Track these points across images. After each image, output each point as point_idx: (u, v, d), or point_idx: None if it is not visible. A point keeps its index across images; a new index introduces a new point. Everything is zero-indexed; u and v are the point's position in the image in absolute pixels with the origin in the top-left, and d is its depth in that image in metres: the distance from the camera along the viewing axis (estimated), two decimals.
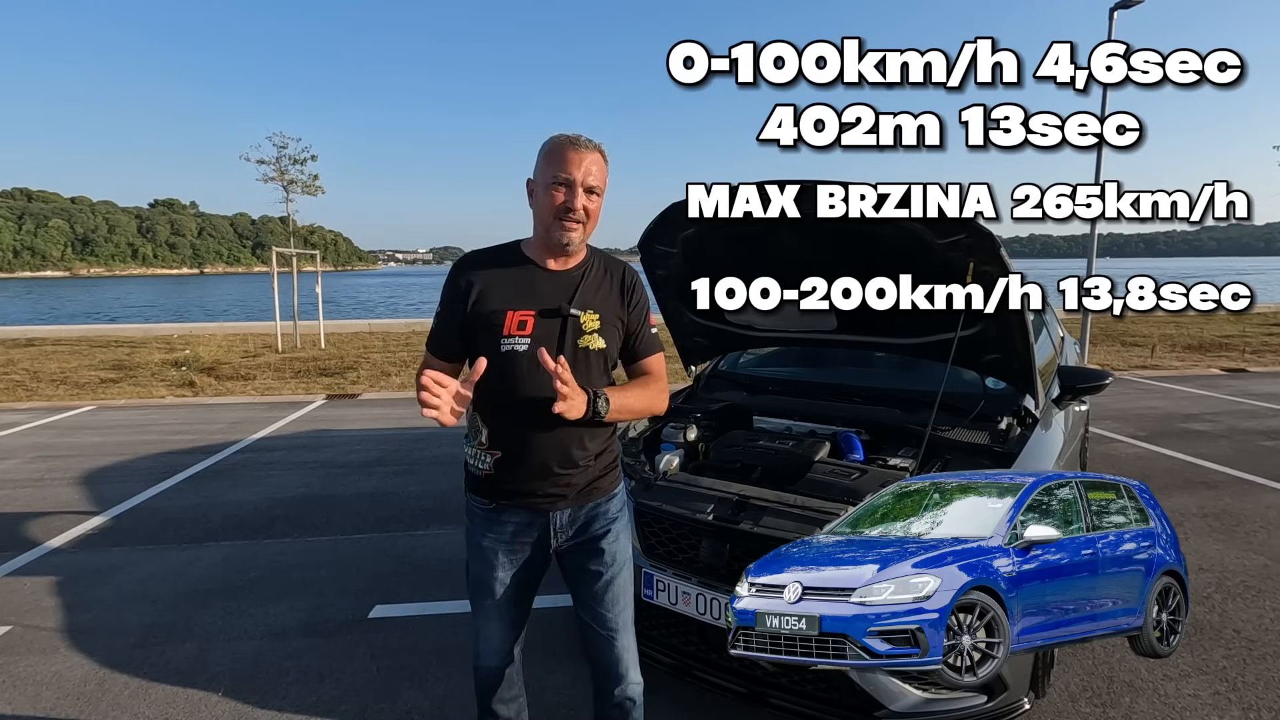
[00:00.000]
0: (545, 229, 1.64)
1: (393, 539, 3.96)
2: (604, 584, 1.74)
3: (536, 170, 1.65)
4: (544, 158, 1.63)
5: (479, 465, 1.69)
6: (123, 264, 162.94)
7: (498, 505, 1.70)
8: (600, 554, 1.75)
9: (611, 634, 1.75)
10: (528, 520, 1.70)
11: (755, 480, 2.54)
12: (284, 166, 13.16)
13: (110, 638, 2.91)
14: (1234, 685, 2.51)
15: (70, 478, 5.20)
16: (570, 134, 1.63)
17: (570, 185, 1.60)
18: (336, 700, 2.48)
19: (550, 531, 1.71)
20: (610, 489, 1.78)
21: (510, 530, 1.71)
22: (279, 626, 2.99)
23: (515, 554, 1.72)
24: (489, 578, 1.73)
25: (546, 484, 1.67)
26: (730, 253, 2.86)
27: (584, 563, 1.75)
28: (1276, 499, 4.47)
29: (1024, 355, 2.62)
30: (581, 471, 1.69)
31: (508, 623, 1.79)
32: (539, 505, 1.69)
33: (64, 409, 7.95)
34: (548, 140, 1.65)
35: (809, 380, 3.53)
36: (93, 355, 12.38)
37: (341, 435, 6.54)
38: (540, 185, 1.63)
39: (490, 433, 1.66)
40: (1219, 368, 10.20)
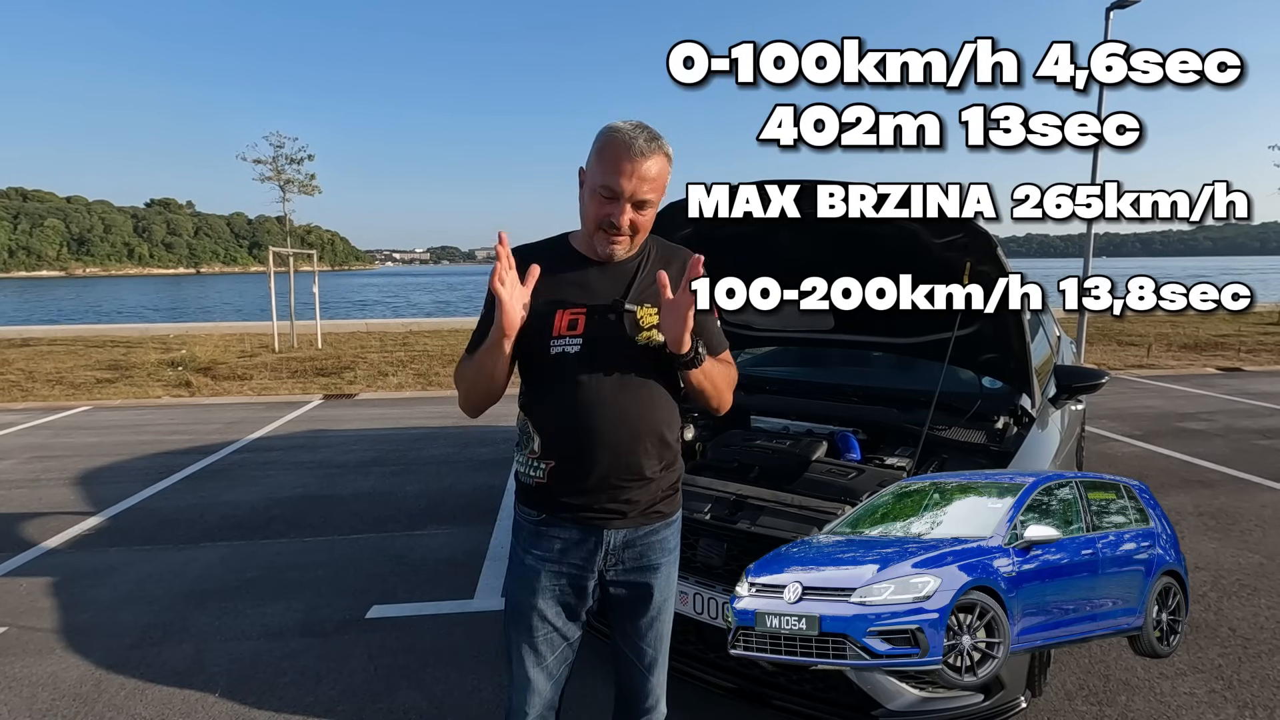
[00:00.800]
0: (589, 235, 1.49)
1: (390, 539, 3.95)
2: (649, 620, 1.60)
3: (589, 162, 1.45)
4: (597, 155, 1.43)
5: (530, 474, 1.52)
6: (119, 264, 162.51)
7: (547, 518, 1.52)
8: (650, 589, 1.58)
9: (649, 669, 1.63)
10: (578, 538, 1.51)
11: (752, 480, 2.54)
12: (281, 166, 13.15)
13: (106, 638, 2.90)
14: (1229, 683, 2.52)
15: (66, 478, 5.18)
16: (630, 130, 1.40)
17: (618, 199, 1.41)
18: (334, 700, 2.47)
19: (602, 552, 1.52)
20: (670, 514, 1.60)
21: (558, 547, 1.52)
22: (276, 627, 2.99)
23: (559, 577, 1.53)
24: (527, 603, 1.53)
25: (604, 498, 1.49)
26: (727, 253, 2.85)
27: (631, 594, 1.58)
28: (1272, 498, 4.49)
29: (1020, 354, 2.62)
30: (643, 487, 1.51)
31: (546, 671, 1.56)
32: (593, 522, 1.50)
33: (59, 409, 7.93)
34: (606, 132, 1.42)
35: (806, 380, 3.53)
36: (88, 355, 12.34)
37: (338, 435, 6.53)
38: (589, 186, 1.45)
39: (543, 441, 1.49)
40: (1215, 367, 10.23)
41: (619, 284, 1.51)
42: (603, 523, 1.50)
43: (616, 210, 1.43)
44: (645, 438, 1.49)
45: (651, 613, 1.60)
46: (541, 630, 1.54)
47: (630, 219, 1.44)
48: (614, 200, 1.42)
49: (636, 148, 1.39)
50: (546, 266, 1.45)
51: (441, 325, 18.35)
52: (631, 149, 1.39)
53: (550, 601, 1.53)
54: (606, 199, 1.42)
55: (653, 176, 1.42)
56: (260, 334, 15.38)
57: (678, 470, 1.60)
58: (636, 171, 1.40)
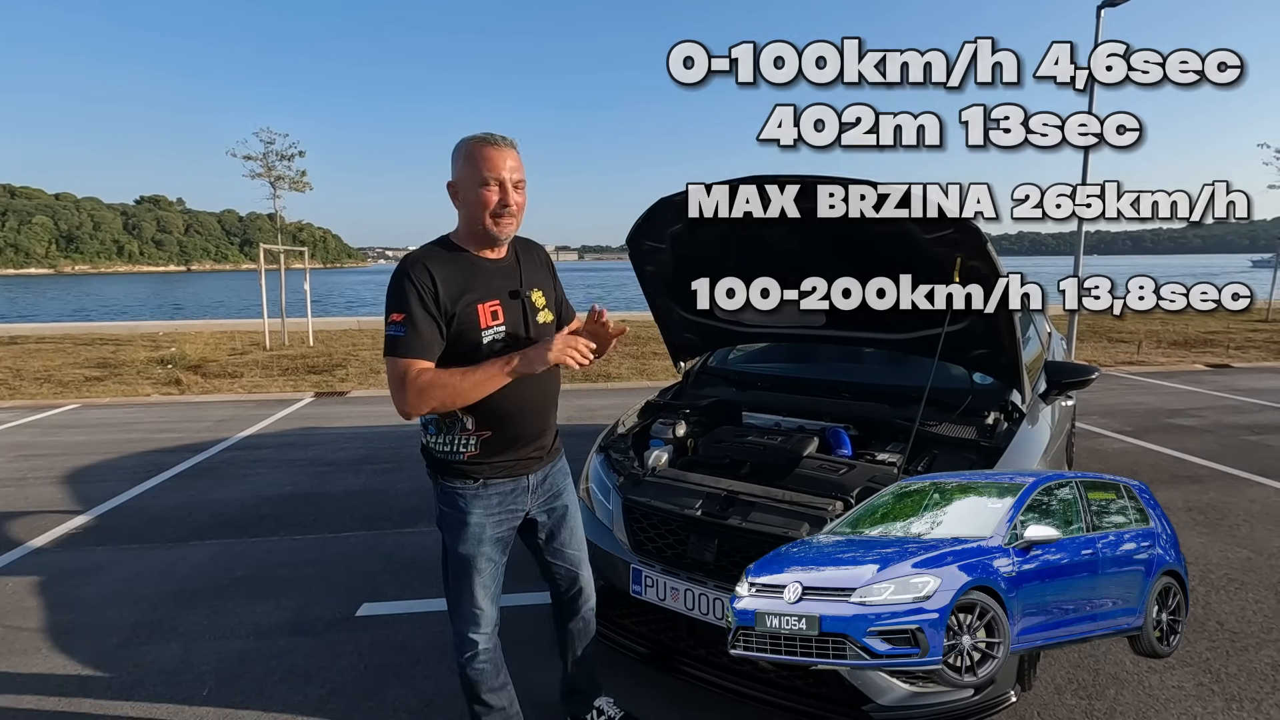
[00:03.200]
0: (482, 226, 1.73)
1: (381, 537, 3.93)
2: (570, 529, 2.03)
3: (458, 173, 1.73)
4: (466, 160, 1.71)
5: (460, 450, 1.80)
6: (108, 261, 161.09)
7: (484, 481, 1.82)
8: (566, 507, 2.01)
9: (577, 567, 2.07)
10: (510, 487, 1.86)
11: (744, 476, 2.53)
12: (271, 162, 13.05)
13: (93, 638, 2.87)
14: (1217, 676, 2.53)
15: (53, 477, 5.14)
16: (483, 134, 1.72)
17: (501, 184, 1.70)
18: (323, 699, 2.46)
19: (528, 492, 1.90)
20: (561, 448, 2.04)
21: (496, 500, 1.84)
22: (265, 625, 2.97)
23: (499, 525, 1.86)
24: (476, 554, 1.83)
25: (530, 449, 1.87)
26: (720, 249, 2.85)
27: (554, 516, 1.99)
28: (1260, 492, 4.52)
29: (1011, 350, 2.63)
30: (550, 433, 1.95)
31: (493, 597, 1.90)
32: (519, 471, 1.87)
33: (47, 407, 7.86)
34: (463, 143, 1.73)
35: (798, 376, 3.53)
36: (77, 353, 12.23)
37: (330, 433, 6.50)
38: (469, 187, 1.71)
39: (476, 419, 1.77)
40: (1204, 363, 10.30)
41: (510, 276, 1.82)
42: (525, 469, 1.88)
43: (504, 193, 1.71)
44: (553, 394, 1.92)
45: (571, 522, 2.03)
46: (488, 570, 1.87)
47: (514, 200, 1.73)
48: (500, 186, 1.70)
49: (497, 141, 1.71)
50: (450, 268, 1.73)
51: None
52: (495, 143, 1.71)
53: (494, 546, 1.86)
54: (493, 187, 1.70)
55: (516, 162, 1.73)
56: (251, 331, 15.28)
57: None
58: (506, 159, 1.70)
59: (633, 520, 2.43)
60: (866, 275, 2.72)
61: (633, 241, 2.94)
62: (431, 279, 1.68)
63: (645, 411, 3.25)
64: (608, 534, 2.47)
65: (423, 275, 1.69)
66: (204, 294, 55.31)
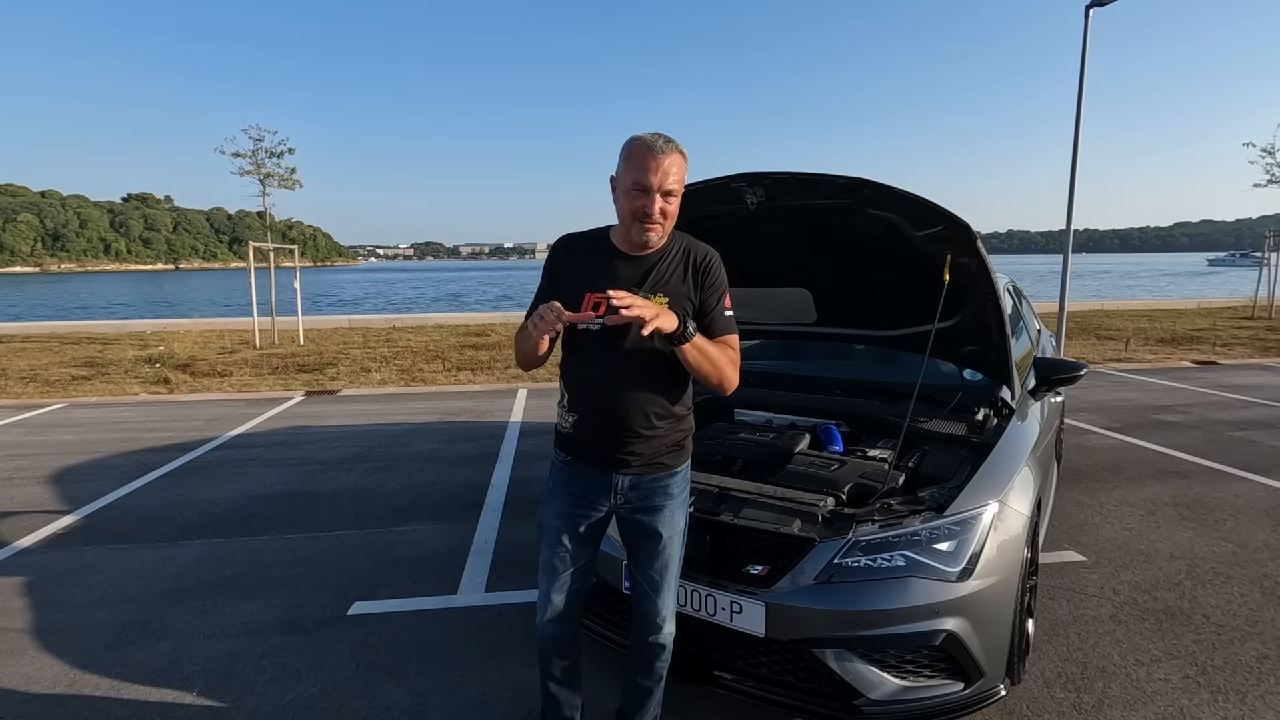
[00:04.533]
0: (626, 228, 1.76)
1: (373, 535, 3.92)
2: (655, 551, 1.90)
3: (619, 169, 1.74)
4: (625, 160, 1.72)
5: (563, 424, 1.89)
6: (95, 259, 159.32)
7: (573, 460, 1.89)
8: (655, 525, 1.88)
9: (655, 592, 1.92)
10: (594, 477, 1.86)
11: (736, 472, 2.54)
12: (261, 160, 12.94)
13: (81, 638, 2.85)
14: (1203, 669, 2.56)
15: (40, 476, 5.09)
16: (650, 137, 1.70)
17: (648, 191, 1.69)
18: (314, 698, 2.45)
19: (612, 492, 1.86)
20: (674, 465, 1.89)
21: (578, 484, 1.88)
22: (256, 624, 2.95)
23: (579, 507, 1.88)
24: (553, 525, 1.90)
25: (614, 448, 1.82)
26: (713, 245, 2.86)
27: (638, 529, 1.90)
28: (1245, 488, 4.57)
29: (1001, 346, 2.65)
30: (646, 442, 1.82)
31: (566, 576, 1.91)
32: (603, 466, 1.85)
33: (33, 407, 7.78)
34: (630, 142, 1.72)
35: (790, 373, 3.55)
36: (64, 352, 12.10)
37: (321, 431, 6.47)
38: (621, 187, 1.73)
39: (570, 397, 1.86)
40: (1191, 360, 10.39)
41: (639, 275, 1.78)
42: (612, 467, 1.83)
43: (649, 201, 1.69)
44: (642, 403, 1.79)
45: (659, 546, 1.89)
46: (558, 550, 1.89)
47: (660, 207, 1.70)
48: (646, 193, 1.68)
49: (658, 148, 1.68)
50: (585, 254, 1.82)
51: (425, 321, 18.20)
52: (654, 149, 1.68)
53: (569, 525, 1.88)
54: (639, 194, 1.69)
55: (674, 170, 1.69)
56: (240, 330, 15.18)
57: (684, 430, 1.90)
58: (660, 167, 1.67)
59: None
60: (859, 272, 2.73)
61: None
62: (561, 262, 1.84)
63: None
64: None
65: (556, 257, 1.86)
66: (192, 292, 54.85)
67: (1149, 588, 3.19)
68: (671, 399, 1.84)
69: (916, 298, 2.58)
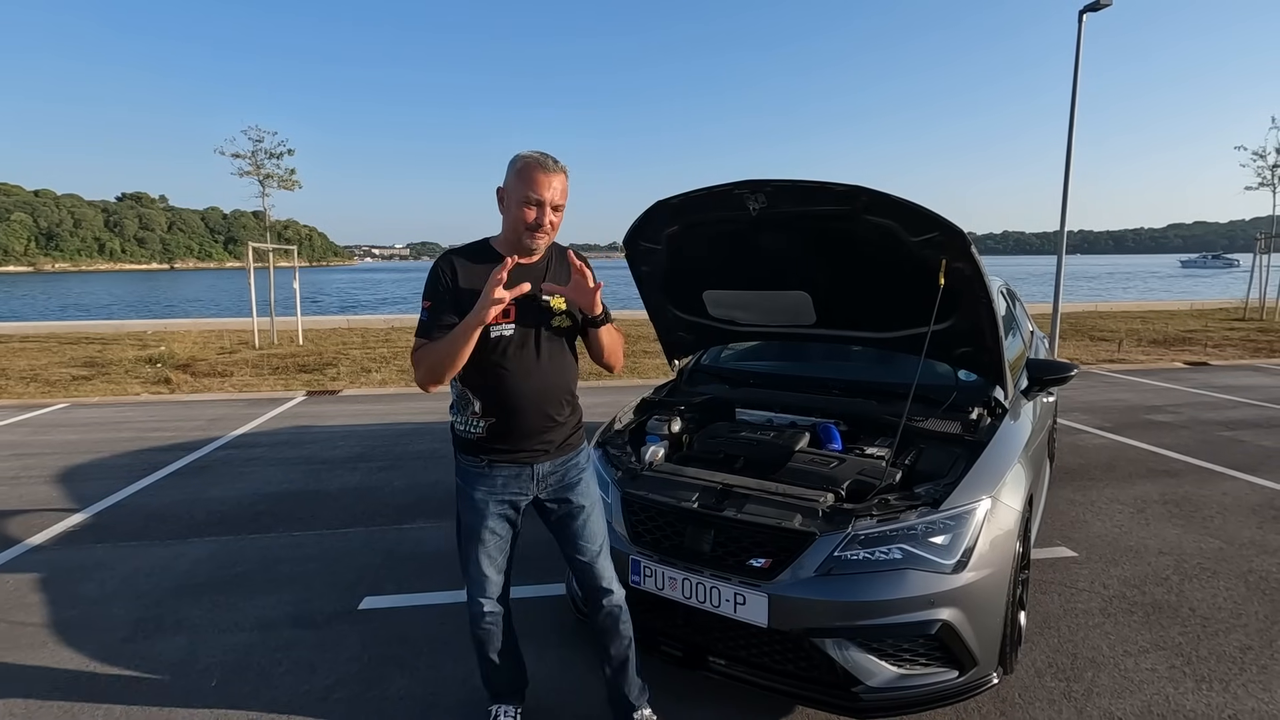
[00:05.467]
0: (517, 236, 1.92)
1: (379, 533, 3.99)
2: (582, 521, 2.10)
3: (508, 183, 1.89)
4: (516, 175, 1.87)
5: (471, 430, 1.99)
6: (89, 259, 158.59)
7: (490, 463, 2.00)
8: (577, 497, 2.09)
9: (593, 559, 2.12)
10: (515, 473, 2.01)
11: (738, 470, 2.62)
12: (260, 161, 12.98)
13: (98, 632, 2.92)
14: (1189, 659, 2.65)
15: (47, 476, 5.14)
16: (539, 155, 1.87)
17: (540, 205, 1.87)
18: (329, 689, 2.52)
19: (534, 480, 2.03)
20: (579, 444, 2.13)
21: (500, 482, 2.01)
22: (268, 619, 3.02)
23: (502, 504, 2.03)
24: (480, 525, 2.03)
25: (532, 442, 2.00)
26: (712, 250, 2.94)
27: (563, 508, 2.09)
28: (1233, 486, 4.67)
29: (994, 348, 2.73)
30: (560, 428, 2.04)
31: (497, 567, 2.09)
32: (524, 459, 2.00)
33: (35, 407, 7.82)
34: (519, 158, 1.88)
35: (789, 374, 3.63)
36: (62, 352, 12.12)
37: (324, 431, 6.53)
38: (513, 199, 1.88)
39: (483, 404, 1.96)
40: (1182, 361, 10.52)
41: (535, 281, 1.93)
42: (531, 458, 2.01)
43: (541, 213, 1.88)
44: (559, 394, 2.02)
45: (582, 517, 2.10)
46: (491, 541, 2.05)
47: (550, 219, 1.89)
48: (539, 206, 1.87)
49: (549, 165, 1.86)
50: (475, 268, 1.91)
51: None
52: (545, 167, 1.86)
53: (497, 520, 2.04)
54: (532, 206, 1.86)
55: (562, 186, 1.90)
56: (239, 330, 15.20)
57: (579, 413, 2.13)
58: (551, 184, 1.86)
59: (631, 513, 2.51)
60: (856, 276, 2.82)
61: (629, 243, 3.02)
62: (453, 274, 1.90)
63: (641, 408, 3.33)
64: (607, 526, 2.54)
65: (445, 270, 1.92)
66: (188, 292, 54.70)
67: (1138, 582, 3.28)
68: (573, 387, 2.08)
69: (912, 301, 2.66)
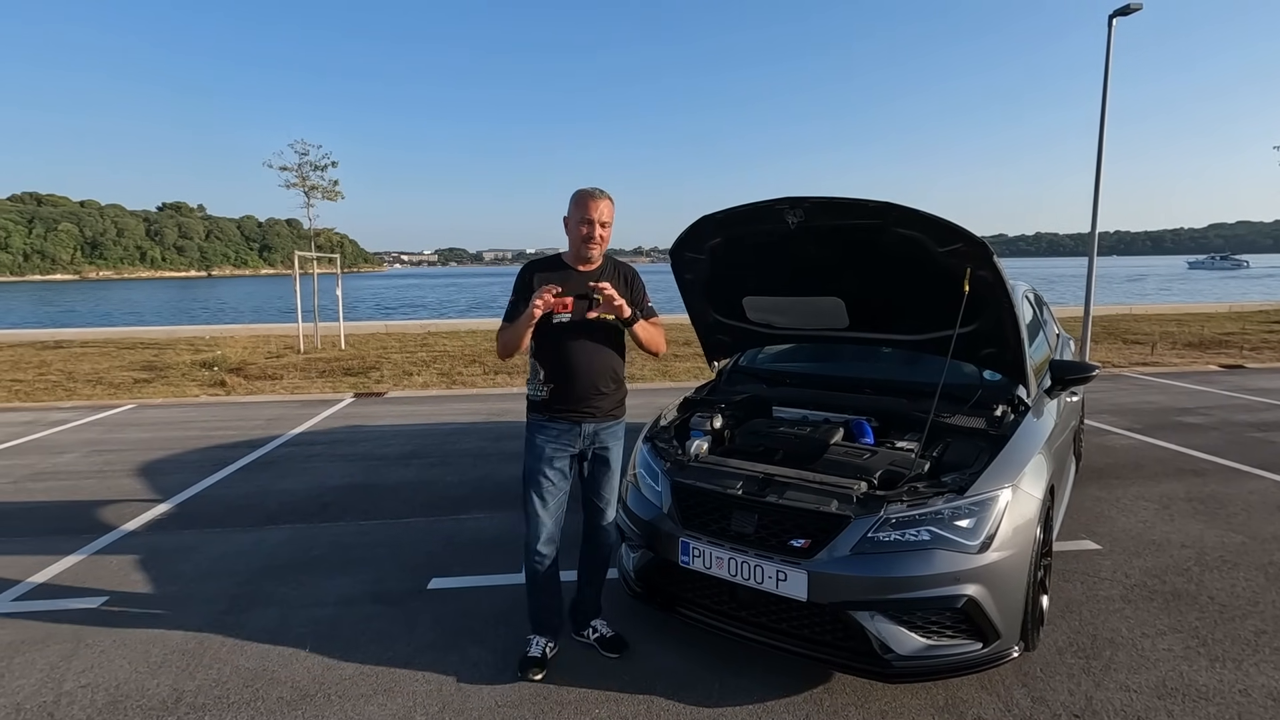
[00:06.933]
0: (577, 249, 2.64)
1: (438, 522, 4.30)
2: (607, 478, 2.78)
3: (570, 210, 2.61)
4: (575, 203, 2.59)
5: (538, 393, 2.67)
6: (131, 267, 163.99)
7: (551, 417, 2.66)
8: (608, 459, 2.77)
9: (605, 505, 2.81)
10: (568, 428, 2.67)
11: (778, 461, 2.86)
12: (305, 173, 13.54)
13: (200, 605, 3.26)
14: (1204, 641, 2.82)
15: (128, 469, 5.57)
16: (590, 188, 2.59)
17: (592, 224, 2.58)
18: (411, 655, 2.81)
19: (581, 436, 2.68)
20: (620, 416, 2.79)
21: (555, 433, 2.67)
22: (348, 595, 3.34)
23: (558, 451, 2.67)
24: (538, 468, 2.66)
25: (583, 405, 2.65)
26: (752, 260, 3.19)
27: (597, 464, 2.76)
28: (1259, 485, 4.76)
29: (1016, 349, 2.93)
30: (604, 399, 2.69)
31: (549, 511, 2.68)
32: (575, 418, 2.66)
33: (105, 407, 8.33)
34: (577, 192, 2.60)
35: (823, 374, 3.85)
36: (121, 356, 12.77)
37: (375, 430, 6.90)
38: (573, 221, 2.61)
39: (546, 373, 2.64)
40: (1217, 364, 10.44)
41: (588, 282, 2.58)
42: (581, 419, 2.66)
43: (592, 230, 2.58)
44: (605, 371, 2.67)
45: (607, 474, 2.78)
46: (546, 485, 2.67)
47: (599, 234, 2.59)
48: (590, 225, 2.58)
49: (596, 194, 2.59)
50: (549, 272, 2.64)
51: (459, 326, 18.75)
52: (594, 195, 2.58)
53: (551, 466, 2.66)
54: (586, 225, 2.58)
55: (608, 209, 2.61)
56: (283, 335, 15.81)
57: (623, 392, 2.79)
58: (598, 207, 2.58)
59: (680, 499, 2.76)
60: (887, 283, 3.05)
61: (675, 253, 3.29)
62: (531, 277, 2.64)
63: (684, 407, 3.59)
64: (658, 511, 2.80)
65: (526, 274, 2.67)
66: (229, 298, 56.34)
67: (1159, 573, 3.44)
68: (619, 369, 2.74)
69: (939, 306, 2.87)
